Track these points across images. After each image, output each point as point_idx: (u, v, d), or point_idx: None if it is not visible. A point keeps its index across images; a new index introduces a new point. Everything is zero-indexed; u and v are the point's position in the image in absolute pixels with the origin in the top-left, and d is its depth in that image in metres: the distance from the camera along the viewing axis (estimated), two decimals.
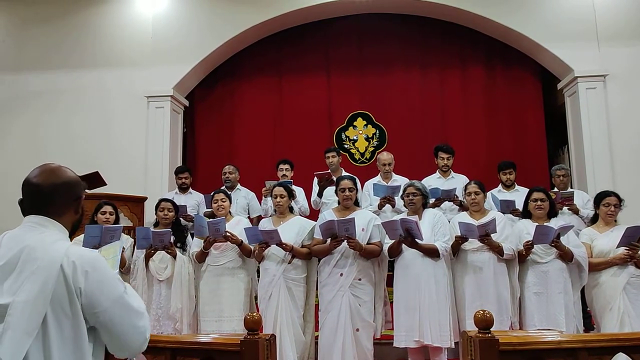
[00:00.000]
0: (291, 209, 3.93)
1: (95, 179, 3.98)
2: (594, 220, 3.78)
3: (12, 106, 6.44)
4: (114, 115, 6.29)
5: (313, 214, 4.86)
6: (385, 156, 4.99)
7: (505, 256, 3.56)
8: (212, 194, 4.07)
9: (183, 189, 5.29)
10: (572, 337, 2.22)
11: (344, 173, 4.79)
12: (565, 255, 3.50)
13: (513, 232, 3.69)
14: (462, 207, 4.46)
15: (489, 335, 1.94)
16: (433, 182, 4.79)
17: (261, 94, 6.81)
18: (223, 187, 4.86)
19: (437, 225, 3.64)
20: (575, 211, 4.52)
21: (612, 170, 5.65)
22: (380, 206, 4.52)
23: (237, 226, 3.84)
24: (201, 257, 3.80)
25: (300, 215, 4.18)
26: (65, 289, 1.30)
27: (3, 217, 5.69)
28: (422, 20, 6.54)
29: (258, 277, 3.89)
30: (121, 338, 1.38)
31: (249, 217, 4.93)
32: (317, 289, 3.74)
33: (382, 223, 3.62)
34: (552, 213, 3.74)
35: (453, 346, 3.49)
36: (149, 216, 5.23)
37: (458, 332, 3.52)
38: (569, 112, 6.16)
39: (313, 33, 6.71)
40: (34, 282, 1.28)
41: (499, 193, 4.73)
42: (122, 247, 3.36)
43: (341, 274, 3.53)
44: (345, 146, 6.74)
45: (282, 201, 3.80)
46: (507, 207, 4.29)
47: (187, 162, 6.73)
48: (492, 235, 3.51)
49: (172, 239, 3.86)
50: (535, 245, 3.53)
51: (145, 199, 5.58)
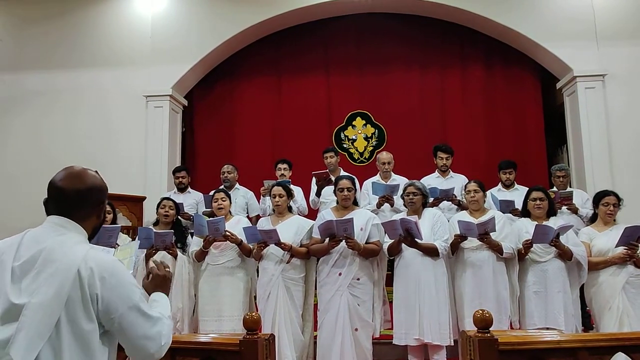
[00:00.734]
0: (290, 209, 3.92)
1: None
2: (593, 219, 3.78)
3: (11, 105, 6.43)
4: (113, 114, 6.29)
5: (311, 214, 4.86)
6: (384, 156, 4.99)
7: (505, 255, 3.56)
8: (212, 193, 4.06)
9: (181, 188, 5.26)
10: (572, 337, 2.21)
11: (343, 173, 4.78)
12: (565, 254, 3.50)
13: (512, 231, 3.69)
14: (461, 206, 4.47)
15: (488, 335, 1.94)
16: (432, 181, 4.79)
17: (260, 94, 6.80)
18: (223, 187, 4.84)
19: (436, 225, 3.65)
20: (575, 210, 4.52)
21: (611, 169, 5.65)
22: (379, 205, 4.51)
23: (236, 225, 3.82)
24: (201, 256, 3.79)
25: (299, 215, 4.18)
26: (81, 294, 1.31)
27: (2, 217, 5.70)
28: (422, 20, 6.54)
29: (258, 276, 3.88)
30: (134, 343, 1.39)
31: (248, 217, 4.92)
32: (315, 289, 3.73)
33: (382, 223, 3.62)
34: (551, 212, 3.75)
35: (452, 344, 3.49)
36: (148, 216, 5.22)
37: (457, 329, 3.53)
38: (568, 111, 6.17)
39: (312, 32, 6.70)
40: (50, 285, 1.29)
41: (499, 192, 4.73)
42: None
43: (340, 274, 3.53)
44: (344, 146, 6.73)
45: (281, 201, 3.79)
46: (506, 207, 4.28)
47: (186, 162, 6.72)
48: (491, 234, 3.51)
49: (174, 239, 3.85)
50: (534, 245, 3.53)
51: (144, 198, 5.58)
